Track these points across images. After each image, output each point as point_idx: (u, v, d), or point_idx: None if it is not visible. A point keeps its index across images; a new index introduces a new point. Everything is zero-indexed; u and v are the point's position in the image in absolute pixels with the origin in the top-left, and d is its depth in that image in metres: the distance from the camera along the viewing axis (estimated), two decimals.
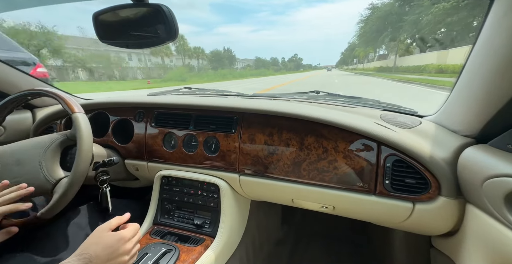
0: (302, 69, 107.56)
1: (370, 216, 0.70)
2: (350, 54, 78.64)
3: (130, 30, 0.56)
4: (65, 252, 0.61)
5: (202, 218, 0.78)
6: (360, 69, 49.33)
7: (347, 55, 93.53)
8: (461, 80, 0.57)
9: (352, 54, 66.92)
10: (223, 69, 37.50)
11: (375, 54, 43.42)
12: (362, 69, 47.20)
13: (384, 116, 0.75)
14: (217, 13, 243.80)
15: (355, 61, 66.26)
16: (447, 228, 0.60)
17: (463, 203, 0.54)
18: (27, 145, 0.62)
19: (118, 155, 0.87)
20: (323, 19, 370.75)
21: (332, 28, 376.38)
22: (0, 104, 0.65)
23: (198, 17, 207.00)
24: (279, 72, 63.38)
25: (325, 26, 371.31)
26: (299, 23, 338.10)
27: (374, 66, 36.13)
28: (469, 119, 0.56)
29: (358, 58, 57.80)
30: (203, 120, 0.78)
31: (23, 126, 1.00)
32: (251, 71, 45.70)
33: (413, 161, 0.57)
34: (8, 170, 0.60)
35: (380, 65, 31.76)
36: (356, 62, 64.73)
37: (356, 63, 65.62)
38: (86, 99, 1.07)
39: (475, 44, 0.50)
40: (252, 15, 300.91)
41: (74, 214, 0.71)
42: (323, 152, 0.64)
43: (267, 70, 55.99)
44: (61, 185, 0.58)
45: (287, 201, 0.77)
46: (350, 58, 79.52)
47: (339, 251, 1.21)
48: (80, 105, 0.62)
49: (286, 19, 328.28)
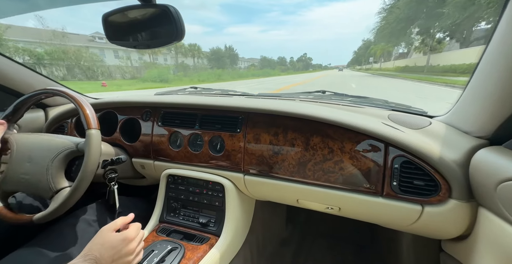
0: (311, 69, 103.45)
1: (377, 218, 0.69)
2: (363, 53, 74.55)
3: (138, 30, 0.57)
4: (74, 248, 0.63)
5: (207, 217, 0.79)
6: (376, 69, 44.20)
7: (360, 54, 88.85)
8: (474, 79, 0.55)
9: (367, 53, 62.63)
10: (219, 69, 32.91)
11: (394, 52, 39.63)
12: (378, 69, 42.34)
13: (392, 117, 0.73)
14: (228, 13, 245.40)
15: (370, 60, 62.44)
16: (458, 232, 0.58)
17: (475, 206, 0.52)
18: (42, 145, 0.64)
19: (126, 153, 0.89)
20: (335, 18, 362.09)
21: (343, 27, 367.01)
22: (19, 101, 0.68)
23: (208, 18, 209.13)
24: (286, 72, 59.86)
25: (337, 25, 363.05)
26: (310, 22, 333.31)
27: (396, 66, 31.27)
28: (482, 120, 0.54)
29: (374, 56, 54.07)
30: (209, 120, 0.79)
31: (36, 125, 1.04)
32: (253, 71, 40.88)
33: (422, 163, 0.55)
34: (19, 163, 0.62)
35: (406, 64, 26.61)
36: (372, 62, 61.00)
37: (371, 62, 61.91)
38: (96, 98, 1.10)
39: (490, 42, 0.48)
40: (262, 15, 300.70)
41: (83, 211, 0.73)
42: (329, 152, 0.64)
43: (272, 70, 52.48)
44: (61, 194, 0.59)
45: (292, 202, 0.76)
46: (364, 58, 75.36)
47: (344, 253, 1.19)
48: (96, 119, 0.63)
49: (297, 18, 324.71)
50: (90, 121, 0.61)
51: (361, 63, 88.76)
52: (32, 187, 0.62)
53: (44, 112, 1.09)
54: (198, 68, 32.74)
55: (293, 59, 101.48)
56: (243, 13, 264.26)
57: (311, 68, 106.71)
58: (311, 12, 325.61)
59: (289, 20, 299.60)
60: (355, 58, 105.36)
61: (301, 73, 55.53)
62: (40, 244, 0.61)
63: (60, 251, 0.61)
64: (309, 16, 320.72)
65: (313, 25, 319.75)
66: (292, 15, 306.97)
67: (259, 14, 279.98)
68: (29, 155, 0.63)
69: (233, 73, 32.73)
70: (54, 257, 0.59)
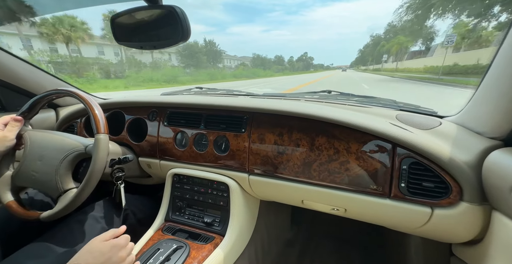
0: (312, 69, 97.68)
1: (384, 220, 0.67)
2: (371, 52, 67.83)
3: (145, 31, 0.58)
4: (81, 243, 0.64)
5: (212, 216, 0.79)
6: (391, 69, 32.22)
7: (366, 53, 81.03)
8: (487, 78, 0.53)
9: (376, 51, 54.45)
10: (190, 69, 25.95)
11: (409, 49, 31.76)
12: (394, 69, 30.49)
13: (400, 117, 0.71)
14: (230, 13, 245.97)
15: (384, 58, 49.24)
16: (470, 236, 0.56)
17: (488, 209, 0.50)
18: (54, 144, 0.66)
19: (132, 152, 0.91)
20: (338, 18, 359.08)
21: (346, 27, 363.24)
22: (35, 99, 0.70)
23: (211, 17, 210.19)
24: (282, 73, 50.47)
25: (339, 25, 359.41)
26: (312, 22, 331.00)
27: (425, 66, 21.05)
28: (496, 120, 0.52)
29: (389, 53, 43.72)
30: (214, 120, 0.79)
31: (47, 124, 1.07)
32: (236, 72, 31.35)
33: (431, 164, 0.53)
34: (31, 160, 0.64)
35: (455, 62, 15.42)
36: (384, 60, 50.23)
37: (383, 62, 51.46)
38: (104, 99, 1.12)
39: (504, 40, 0.47)
40: (265, 14, 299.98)
41: (92, 208, 0.74)
42: (335, 153, 0.63)
43: (263, 71, 41.70)
44: (67, 195, 0.61)
45: (297, 202, 0.76)
46: (372, 56, 68.73)
47: (349, 254, 1.18)
48: (105, 122, 0.64)
49: (300, 18, 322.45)
50: (99, 126, 0.63)
51: (367, 63, 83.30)
52: (40, 185, 0.64)
53: (55, 112, 1.13)
54: (158, 65, 24.98)
55: (293, 58, 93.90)
56: (246, 13, 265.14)
57: (312, 68, 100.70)
58: (314, 12, 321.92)
59: (291, 20, 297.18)
60: (360, 58, 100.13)
61: (298, 74, 46.65)
62: (50, 239, 0.63)
63: (68, 246, 0.62)
64: (311, 16, 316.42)
65: (315, 25, 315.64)
66: (294, 15, 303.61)
67: (261, 14, 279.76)
68: (41, 154, 0.65)
69: (200, 73, 25.35)
70: (62, 252, 0.61)
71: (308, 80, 18.28)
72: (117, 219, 0.77)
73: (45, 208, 0.63)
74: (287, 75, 37.73)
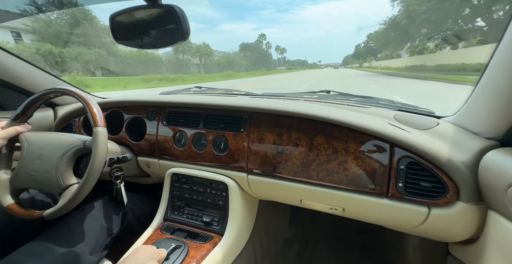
0: (283, 67, 69.80)
1: (382, 219, 0.68)
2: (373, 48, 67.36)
3: (144, 30, 0.58)
4: (80, 241, 0.64)
5: (210, 216, 0.79)
6: (395, 68, 28.90)
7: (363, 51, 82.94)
8: (484, 79, 0.53)
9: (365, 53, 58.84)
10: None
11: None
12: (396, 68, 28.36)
13: (398, 117, 0.72)
14: (220, 10, 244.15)
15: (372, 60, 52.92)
16: (466, 235, 0.56)
17: (484, 209, 0.51)
18: (51, 143, 0.66)
19: (131, 152, 0.90)
20: (327, 16, 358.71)
21: (335, 25, 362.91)
22: (29, 100, 0.70)
23: (201, 14, 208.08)
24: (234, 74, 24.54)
25: (329, 24, 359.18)
26: (302, 21, 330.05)
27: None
28: (493, 121, 0.53)
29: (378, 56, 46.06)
30: (213, 119, 0.79)
31: (45, 123, 1.06)
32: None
33: (429, 164, 0.54)
34: (30, 160, 0.64)
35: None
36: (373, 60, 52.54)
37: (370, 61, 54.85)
38: (103, 98, 1.12)
39: (501, 40, 0.47)
40: (255, 12, 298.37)
41: (91, 206, 0.74)
42: (333, 153, 0.63)
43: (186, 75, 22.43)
44: (69, 191, 0.61)
45: (296, 202, 0.76)
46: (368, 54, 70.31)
47: (348, 254, 1.18)
48: (103, 117, 0.64)
49: (290, 16, 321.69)
50: (97, 119, 0.63)
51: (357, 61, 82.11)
52: (42, 184, 0.63)
53: (53, 111, 1.12)
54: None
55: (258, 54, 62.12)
56: (236, 10, 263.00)
57: (282, 67, 73.00)
58: (304, 10, 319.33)
59: (282, 18, 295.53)
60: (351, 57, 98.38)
61: (252, 76, 26.35)
62: (49, 238, 0.63)
63: (68, 245, 0.62)
64: (301, 14, 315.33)
65: (306, 24, 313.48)
66: (285, 13, 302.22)
67: (252, 12, 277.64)
68: (39, 153, 0.64)
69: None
70: (62, 250, 0.61)
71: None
72: (116, 217, 0.76)
73: (47, 207, 0.63)
74: (235, 78, 21.06)
